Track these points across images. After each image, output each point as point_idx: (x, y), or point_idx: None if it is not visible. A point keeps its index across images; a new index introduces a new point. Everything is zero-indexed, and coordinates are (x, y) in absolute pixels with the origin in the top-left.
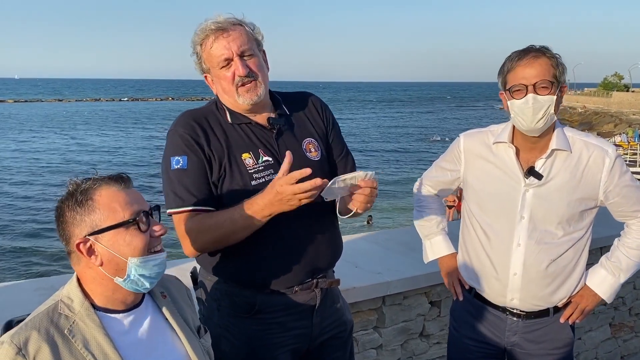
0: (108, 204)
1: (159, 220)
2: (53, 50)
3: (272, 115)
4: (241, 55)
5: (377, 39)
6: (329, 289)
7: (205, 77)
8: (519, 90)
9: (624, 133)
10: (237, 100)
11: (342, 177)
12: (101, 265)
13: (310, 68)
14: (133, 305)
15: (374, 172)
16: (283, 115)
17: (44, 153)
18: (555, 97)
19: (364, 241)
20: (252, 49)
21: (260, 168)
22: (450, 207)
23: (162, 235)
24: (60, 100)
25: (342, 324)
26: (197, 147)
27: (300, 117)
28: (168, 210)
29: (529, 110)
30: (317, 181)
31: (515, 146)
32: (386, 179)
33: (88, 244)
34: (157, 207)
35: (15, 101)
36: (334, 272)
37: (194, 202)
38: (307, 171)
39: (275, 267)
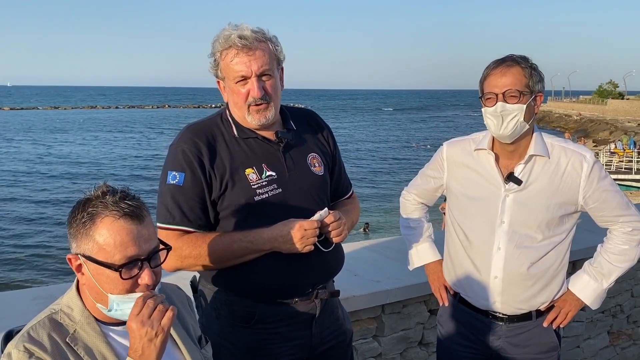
0: (104, 237)
1: (162, 260)
2: (47, 57)
3: (280, 129)
4: (260, 76)
5: (372, 45)
6: (328, 299)
7: (218, 82)
8: (490, 98)
9: (619, 140)
10: (247, 118)
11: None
12: (85, 284)
13: (302, 75)
14: None
15: (325, 209)
16: (291, 130)
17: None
18: (525, 105)
19: (363, 249)
20: (272, 69)
21: (263, 183)
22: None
23: (148, 285)
24: (57, 108)
25: (342, 333)
26: (198, 166)
27: (306, 133)
28: (157, 223)
29: (497, 117)
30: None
31: (495, 153)
32: (383, 187)
33: (78, 262)
34: (166, 248)
35: (11, 109)
36: (334, 282)
37: (184, 221)
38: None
39: (275, 278)
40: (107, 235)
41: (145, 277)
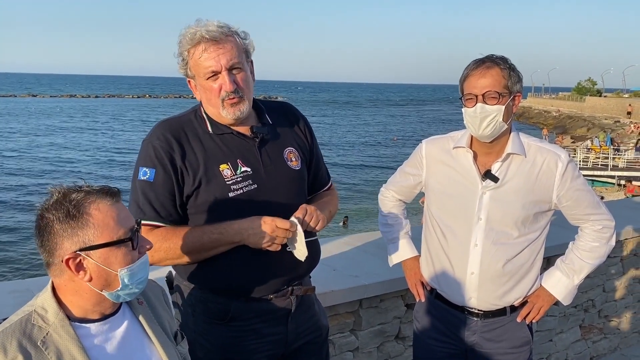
0: (103, 220)
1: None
2: (23, 44)
3: (256, 124)
4: (230, 69)
5: (361, 39)
6: (304, 295)
7: (189, 81)
8: (470, 99)
9: (595, 137)
10: (222, 113)
11: (291, 239)
12: (89, 280)
13: (288, 67)
14: (109, 314)
15: (292, 218)
16: (266, 125)
17: None
18: (504, 106)
19: (342, 244)
20: (242, 62)
21: (238, 179)
22: None
23: (149, 250)
24: (34, 96)
25: (318, 329)
26: (168, 162)
27: (282, 127)
28: None
29: (476, 118)
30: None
31: (473, 151)
32: (362, 183)
33: (78, 260)
34: (138, 222)
35: None
36: (310, 277)
37: (155, 216)
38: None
39: (250, 275)
40: (105, 216)
41: (147, 245)
